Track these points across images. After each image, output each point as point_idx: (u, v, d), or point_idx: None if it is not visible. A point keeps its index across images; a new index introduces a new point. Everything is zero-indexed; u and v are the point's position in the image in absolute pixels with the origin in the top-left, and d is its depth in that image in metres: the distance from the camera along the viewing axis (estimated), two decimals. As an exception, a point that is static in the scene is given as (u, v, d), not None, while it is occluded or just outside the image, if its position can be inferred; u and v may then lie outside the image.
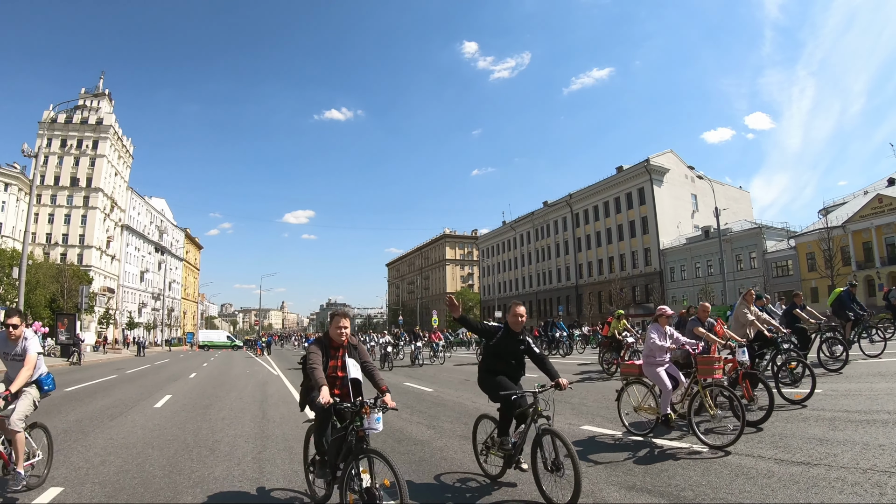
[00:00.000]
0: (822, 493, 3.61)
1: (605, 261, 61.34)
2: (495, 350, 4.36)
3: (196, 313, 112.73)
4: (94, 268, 64.52)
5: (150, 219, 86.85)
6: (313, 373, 3.57)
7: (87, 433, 6.66)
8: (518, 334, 4.32)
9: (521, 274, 76.89)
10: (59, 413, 8.40)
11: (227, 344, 61.02)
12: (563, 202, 67.37)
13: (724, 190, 56.60)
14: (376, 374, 3.86)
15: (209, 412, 8.56)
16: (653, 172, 55.09)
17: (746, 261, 48.38)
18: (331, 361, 3.80)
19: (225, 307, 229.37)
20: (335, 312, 4.00)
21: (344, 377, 3.77)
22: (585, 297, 60.83)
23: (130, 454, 5.45)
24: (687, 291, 51.02)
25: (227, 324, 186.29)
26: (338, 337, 3.84)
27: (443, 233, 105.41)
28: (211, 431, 6.78)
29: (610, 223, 60.71)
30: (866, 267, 39.52)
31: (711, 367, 5.60)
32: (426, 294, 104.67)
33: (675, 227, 55.32)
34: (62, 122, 67.68)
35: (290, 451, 5.57)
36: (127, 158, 78.78)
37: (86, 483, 4.37)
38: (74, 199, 66.49)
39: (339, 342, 3.86)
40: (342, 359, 3.82)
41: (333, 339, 3.86)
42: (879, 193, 40.60)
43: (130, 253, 77.87)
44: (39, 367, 4.30)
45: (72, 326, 28.17)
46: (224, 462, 5.11)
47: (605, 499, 3.78)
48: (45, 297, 43.39)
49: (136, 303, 78.85)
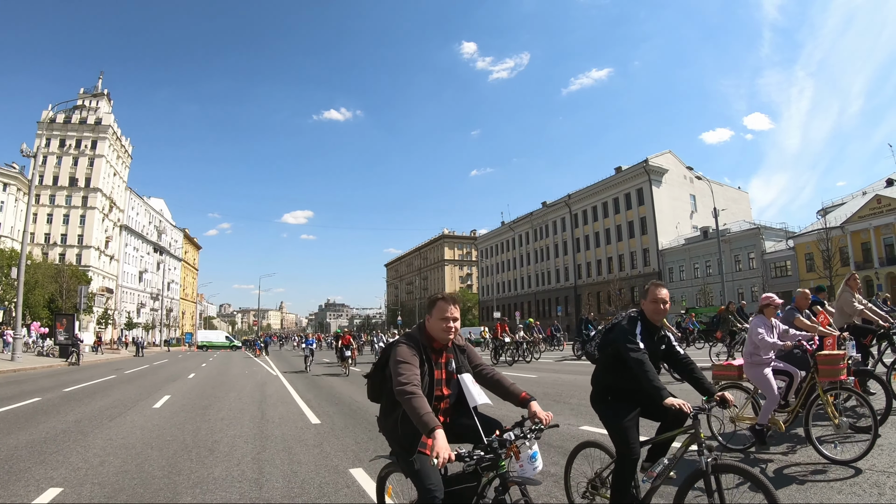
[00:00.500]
0: None
1: (604, 261, 61.38)
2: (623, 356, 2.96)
3: (195, 313, 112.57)
4: (93, 268, 64.43)
5: (148, 219, 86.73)
6: (413, 403, 2.21)
7: (87, 433, 6.65)
8: (658, 329, 3.11)
9: (519, 274, 76.91)
10: (58, 413, 8.39)
11: (226, 344, 60.91)
12: (562, 203, 67.40)
13: (722, 190, 56.71)
14: (502, 378, 2.65)
15: (208, 413, 8.55)
16: (651, 173, 55.14)
17: (745, 261, 48.45)
18: (435, 372, 2.53)
19: (223, 307, 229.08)
20: (438, 296, 2.61)
21: (449, 396, 2.58)
22: (584, 298, 60.84)
23: (129, 454, 5.44)
24: (686, 292, 51.08)
25: (225, 324, 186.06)
26: (444, 334, 2.54)
27: (442, 233, 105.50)
28: (210, 432, 6.77)
29: (609, 224, 60.75)
30: (865, 267, 39.57)
31: (836, 367, 4.53)
32: (425, 294, 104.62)
33: (673, 227, 55.39)
34: (61, 121, 67.65)
35: (289, 451, 5.56)
36: (126, 158, 78.69)
37: (85, 483, 4.36)
38: (73, 199, 66.42)
39: (444, 342, 2.58)
40: (446, 368, 2.58)
41: (436, 337, 2.56)
42: (878, 194, 40.70)
43: (129, 253, 77.77)
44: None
45: (70, 327, 28.08)
46: (223, 462, 5.10)
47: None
48: (43, 298, 43.37)
49: (134, 303, 78.76)
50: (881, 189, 42.55)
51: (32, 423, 7.37)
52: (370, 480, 4.30)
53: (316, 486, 4.25)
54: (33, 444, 5.96)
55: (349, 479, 4.40)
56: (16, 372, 18.31)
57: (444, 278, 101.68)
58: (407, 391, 2.26)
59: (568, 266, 67.13)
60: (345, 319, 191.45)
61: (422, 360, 2.47)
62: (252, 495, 4.06)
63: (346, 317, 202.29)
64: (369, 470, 4.63)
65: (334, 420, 7.65)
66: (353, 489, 4.13)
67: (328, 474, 4.59)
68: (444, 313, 2.53)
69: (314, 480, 4.40)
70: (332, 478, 4.48)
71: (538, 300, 71.45)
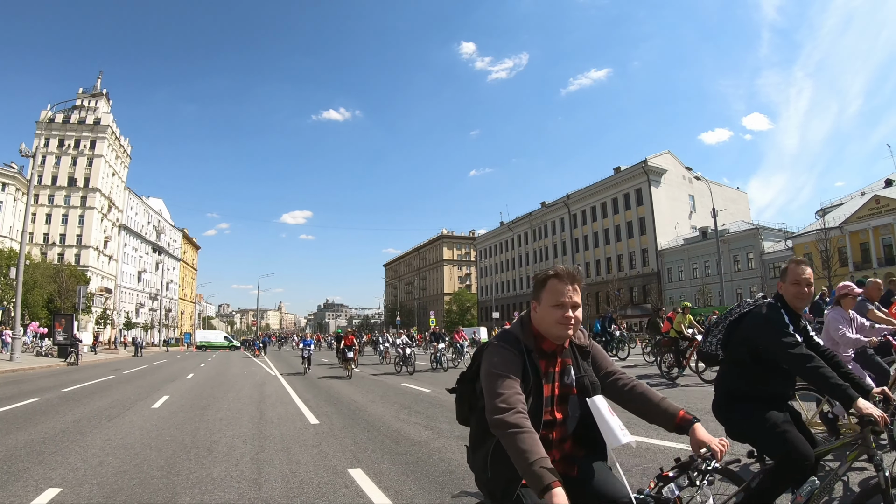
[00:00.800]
0: None
1: (603, 261, 61.44)
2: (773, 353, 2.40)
3: (193, 314, 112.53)
4: (92, 268, 64.36)
5: (147, 219, 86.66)
6: (518, 443, 1.51)
7: (85, 434, 6.65)
8: (799, 318, 2.55)
9: (518, 275, 76.94)
10: (56, 413, 8.38)
11: (225, 344, 60.87)
12: (561, 203, 67.46)
13: (721, 191, 56.78)
14: (647, 392, 1.85)
15: (207, 413, 8.55)
16: (650, 173, 55.21)
17: (744, 261, 48.51)
18: (545, 388, 1.77)
19: (222, 307, 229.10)
20: (550, 273, 1.82)
21: (565, 421, 1.80)
22: (583, 298, 60.89)
23: (128, 455, 5.44)
24: (684, 292, 51.12)
25: (224, 324, 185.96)
26: (559, 330, 1.77)
27: (440, 233, 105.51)
28: (209, 432, 6.78)
29: (608, 224, 60.81)
30: (863, 268, 39.63)
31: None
32: (424, 295, 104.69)
33: (672, 227, 55.45)
34: (60, 121, 67.61)
35: (287, 451, 5.56)
36: (124, 158, 78.65)
37: (84, 484, 4.37)
38: (72, 199, 66.37)
39: (559, 341, 1.81)
40: (562, 381, 1.81)
41: (547, 334, 1.80)
42: (877, 194, 40.77)
43: (128, 253, 77.69)
44: None
45: (69, 327, 28.05)
46: (222, 463, 5.11)
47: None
48: (42, 298, 43.34)
49: (133, 303, 78.68)
50: (880, 189, 42.61)
51: (31, 424, 7.37)
52: (369, 481, 4.31)
53: (314, 486, 4.25)
54: (32, 444, 5.96)
55: (348, 480, 4.41)
56: (14, 372, 18.29)
57: (442, 278, 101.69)
58: (508, 423, 1.53)
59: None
60: (343, 319, 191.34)
61: (525, 370, 1.70)
62: (251, 496, 4.06)
63: (345, 317, 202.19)
64: (368, 470, 4.64)
65: (333, 420, 7.66)
66: (352, 489, 4.14)
67: (327, 475, 4.60)
68: (559, 297, 1.74)
69: (313, 481, 4.41)
70: (330, 478, 4.48)
71: (537, 300, 71.47)
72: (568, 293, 1.77)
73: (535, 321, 1.83)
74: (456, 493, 3.73)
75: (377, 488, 4.11)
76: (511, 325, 1.90)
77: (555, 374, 1.80)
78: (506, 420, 1.55)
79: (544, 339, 1.81)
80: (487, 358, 1.76)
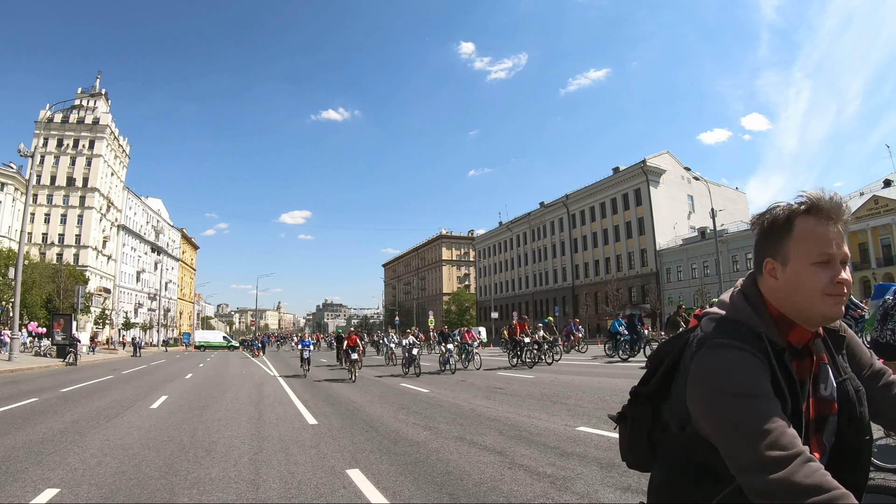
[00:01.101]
0: None
1: (602, 261, 61.50)
2: None
3: (192, 314, 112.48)
4: (91, 268, 64.31)
5: (146, 219, 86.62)
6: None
7: (84, 434, 6.65)
8: None
9: (517, 275, 76.97)
10: (55, 414, 8.38)
11: (224, 344, 60.86)
12: (560, 203, 67.51)
13: (720, 191, 56.84)
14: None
15: (205, 413, 8.56)
16: (649, 173, 55.28)
17: (743, 262, 48.57)
18: (801, 405, 1.04)
19: (221, 307, 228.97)
20: (805, 204, 1.09)
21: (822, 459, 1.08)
22: (582, 298, 60.99)
23: (127, 455, 5.45)
24: (683, 292, 51.14)
25: (223, 324, 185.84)
26: (830, 310, 1.03)
27: (439, 233, 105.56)
28: (207, 432, 6.78)
29: (606, 224, 60.87)
30: (862, 268, 39.72)
31: None
32: (423, 294, 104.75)
33: (671, 228, 55.52)
34: (59, 121, 67.56)
35: (286, 452, 5.57)
36: (123, 158, 78.60)
37: (82, 484, 4.37)
38: (71, 198, 66.33)
39: (828, 322, 1.09)
40: (819, 394, 1.10)
41: (802, 315, 1.06)
42: (875, 195, 40.84)
43: (127, 253, 77.66)
44: None
45: (68, 327, 28.04)
46: (220, 463, 5.11)
47: (601, 499, 3.78)
48: (41, 298, 43.26)
49: (132, 303, 78.63)
50: (878, 190, 42.67)
51: (30, 424, 7.37)
52: (367, 481, 4.32)
53: (313, 486, 4.26)
54: (30, 444, 5.96)
55: (346, 480, 4.41)
56: (13, 372, 18.28)
57: (441, 278, 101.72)
58: (803, 486, 0.86)
59: (566, 266, 67.22)
60: (342, 319, 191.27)
61: (775, 382, 1.00)
62: (249, 496, 4.06)
63: (344, 317, 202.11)
64: (366, 471, 4.65)
65: (331, 421, 7.66)
66: (350, 490, 4.14)
67: (325, 475, 4.60)
68: (825, 246, 1.04)
69: (311, 481, 4.41)
70: (328, 479, 4.49)
71: (536, 300, 71.50)
72: (836, 240, 1.05)
73: (773, 295, 1.10)
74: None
75: (375, 489, 4.11)
76: (734, 302, 1.12)
77: (810, 381, 1.10)
78: (794, 480, 0.87)
79: (791, 325, 1.08)
80: (713, 366, 1.01)
